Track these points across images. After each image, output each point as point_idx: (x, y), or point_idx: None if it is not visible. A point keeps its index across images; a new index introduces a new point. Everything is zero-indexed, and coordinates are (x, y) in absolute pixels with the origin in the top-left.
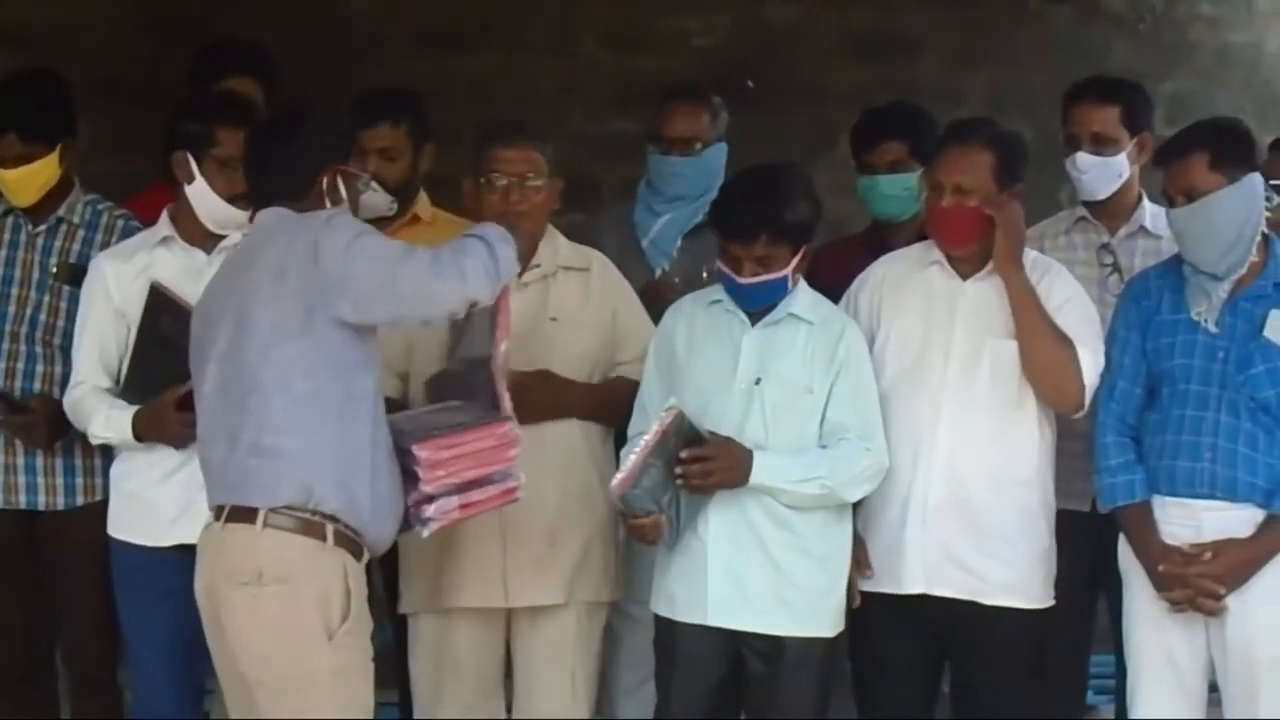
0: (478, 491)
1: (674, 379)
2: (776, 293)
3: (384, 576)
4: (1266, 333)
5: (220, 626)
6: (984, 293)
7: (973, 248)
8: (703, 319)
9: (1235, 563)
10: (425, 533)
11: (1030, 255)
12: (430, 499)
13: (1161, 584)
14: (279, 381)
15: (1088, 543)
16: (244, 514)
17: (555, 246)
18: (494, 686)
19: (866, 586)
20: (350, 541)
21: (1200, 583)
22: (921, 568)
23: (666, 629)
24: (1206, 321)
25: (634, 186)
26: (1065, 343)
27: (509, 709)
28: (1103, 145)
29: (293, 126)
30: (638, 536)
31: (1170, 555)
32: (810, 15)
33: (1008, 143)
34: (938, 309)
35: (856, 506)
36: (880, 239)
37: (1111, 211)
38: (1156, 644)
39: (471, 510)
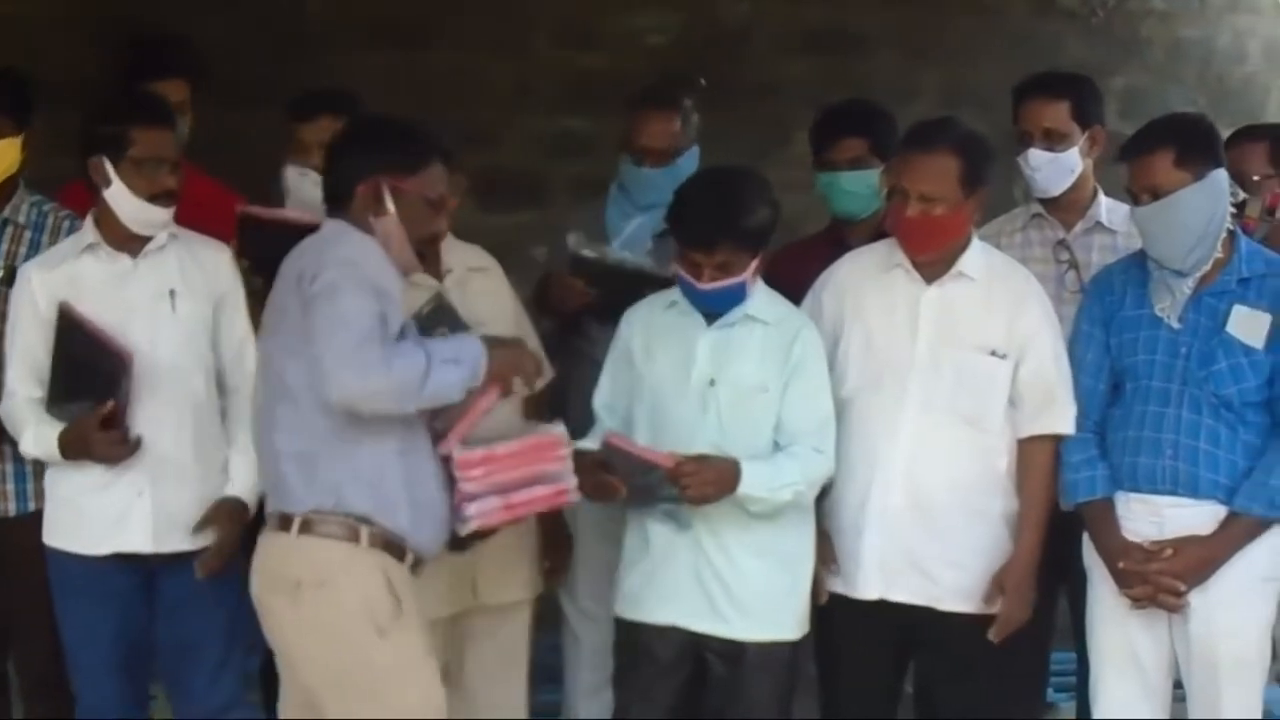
0: (525, 492)
1: (631, 382)
2: (735, 297)
3: None
4: (1229, 329)
5: (271, 636)
6: (947, 298)
7: (938, 254)
8: (660, 322)
9: (1196, 560)
10: (463, 531)
11: (1001, 259)
12: (472, 498)
13: (1122, 581)
14: (304, 387)
15: (1050, 540)
16: (282, 521)
17: (456, 248)
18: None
19: (829, 587)
20: (390, 544)
21: (1161, 580)
22: (879, 573)
23: (629, 630)
24: (1170, 317)
25: (585, 184)
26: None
27: None
28: (1054, 140)
29: (346, 137)
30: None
31: (1131, 552)
32: (762, 12)
33: (972, 146)
34: (900, 314)
35: (818, 507)
36: (840, 237)
37: (1066, 207)
38: (1120, 641)
39: (518, 510)
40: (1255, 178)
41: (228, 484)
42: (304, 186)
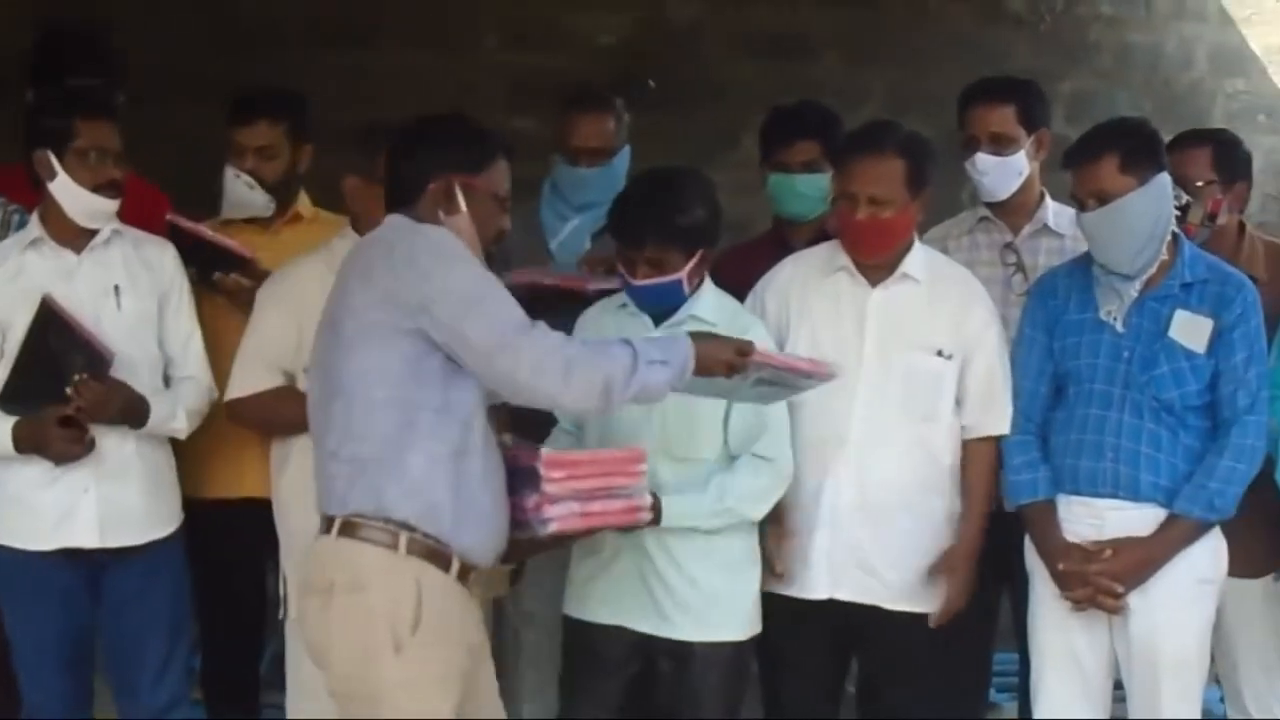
0: (601, 504)
1: None
2: (670, 295)
3: (279, 582)
4: (1171, 333)
5: (304, 638)
6: (892, 299)
7: (886, 256)
8: (609, 323)
9: (1134, 561)
10: (543, 533)
11: (943, 260)
12: (553, 500)
13: (1063, 582)
14: (360, 387)
15: (992, 540)
16: (325, 523)
17: None
18: None
19: (773, 589)
20: (431, 552)
21: (1100, 581)
22: (827, 573)
23: (577, 630)
24: (1115, 321)
25: (533, 185)
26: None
27: None
28: (1001, 145)
29: (418, 133)
30: None
31: (1070, 553)
32: (711, 14)
33: (916, 148)
34: (846, 317)
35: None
36: (784, 239)
37: (1013, 211)
38: (1060, 642)
39: (593, 520)
40: (1198, 183)
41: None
42: (237, 189)
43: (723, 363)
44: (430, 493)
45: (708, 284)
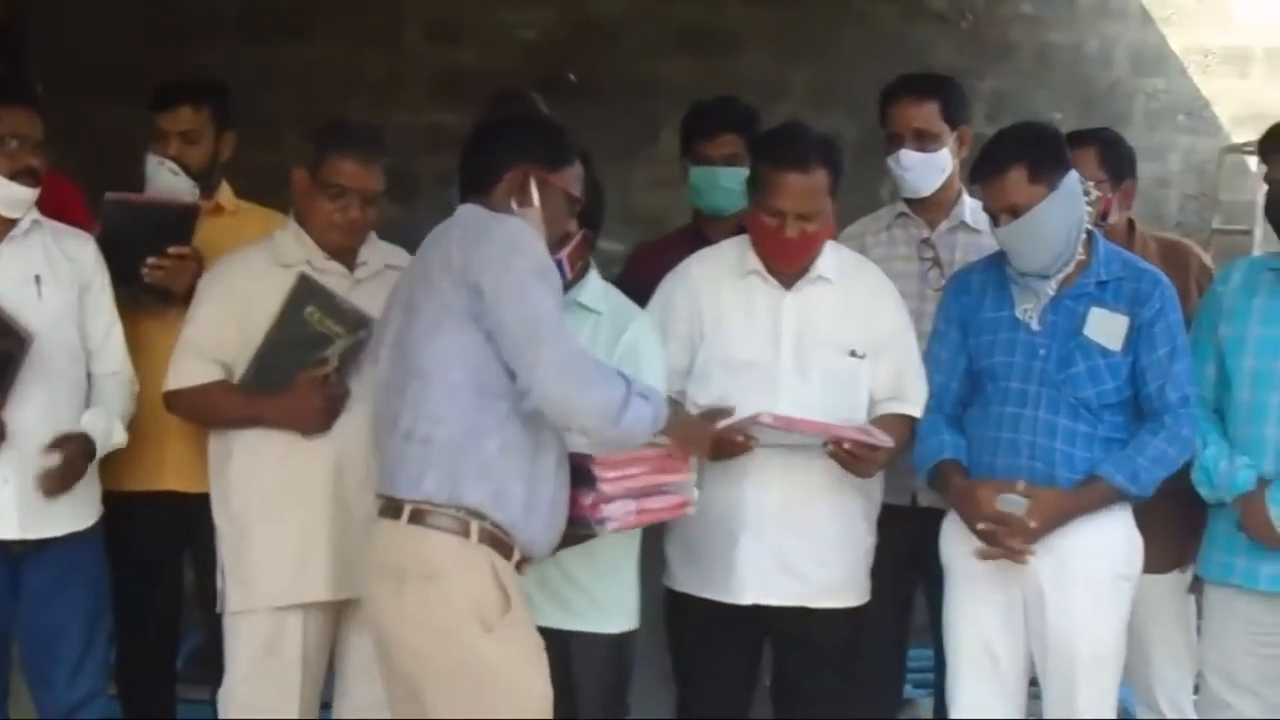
0: (653, 500)
1: None
2: None
3: (196, 577)
4: (1087, 331)
5: (373, 623)
6: (806, 302)
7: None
8: None
9: (1051, 508)
10: (604, 532)
11: (851, 257)
12: (608, 500)
13: (981, 535)
14: (438, 369)
15: (907, 536)
16: (393, 508)
17: (376, 246)
18: (321, 683)
19: (693, 590)
20: (497, 541)
21: (1012, 519)
22: (752, 577)
23: None
24: (1032, 319)
25: (454, 179)
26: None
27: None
28: (925, 141)
29: (495, 126)
30: None
31: (979, 494)
32: (634, 9)
33: (834, 154)
34: (761, 320)
35: None
36: (702, 234)
37: (932, 207)
38: (975, 637)
39: (647, 517)
40: (1089, 183)
41: (82, 421)
42: (161, 175)
43: (691, 440)
44: (504, 480)
45: (593, 273)
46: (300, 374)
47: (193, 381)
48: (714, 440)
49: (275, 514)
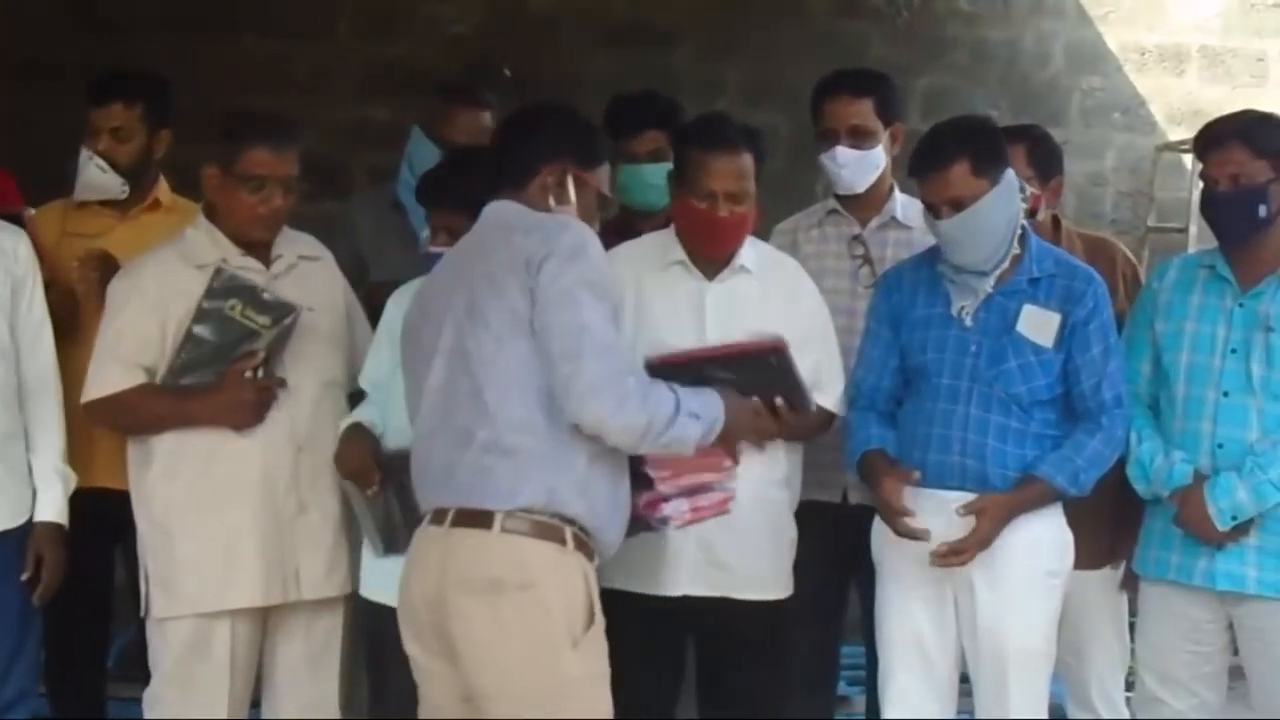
0: (702, 498)
1: (395, 369)
2: None
3: (128, 573)
4: (1019, 328)
5: (448, 637)
6: (728, 292)
7: (735, 250)
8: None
9: (995, 517)
10: (669, 530)
11: (768, 250)
12: (665, 499)
13: (900, 529)
14: (517, 378)
15: (839, 533)
16: (476, 517)
17: (289, 237)
18: (250, 687)
19: (619, 585)
20: (584, 546)
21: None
22: (682, 570)
23: (376, 614)
24: (967, 316)
25: (386, 173)
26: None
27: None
28: (860, 138)
29: (532, 117)
30: None
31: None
32: (567, 4)
33: (755, 139)
34: (684, 311)
35: None
36: (631, 229)
37: (864, 204)
38: (907, 633)
39: (700, 514)
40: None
41: (39, 507)
42: (89, 170)
43: (751, 429)
44: (594, 489)
45: None
46: (229, 368)
47: (116, 388)
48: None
49: (200, 519)
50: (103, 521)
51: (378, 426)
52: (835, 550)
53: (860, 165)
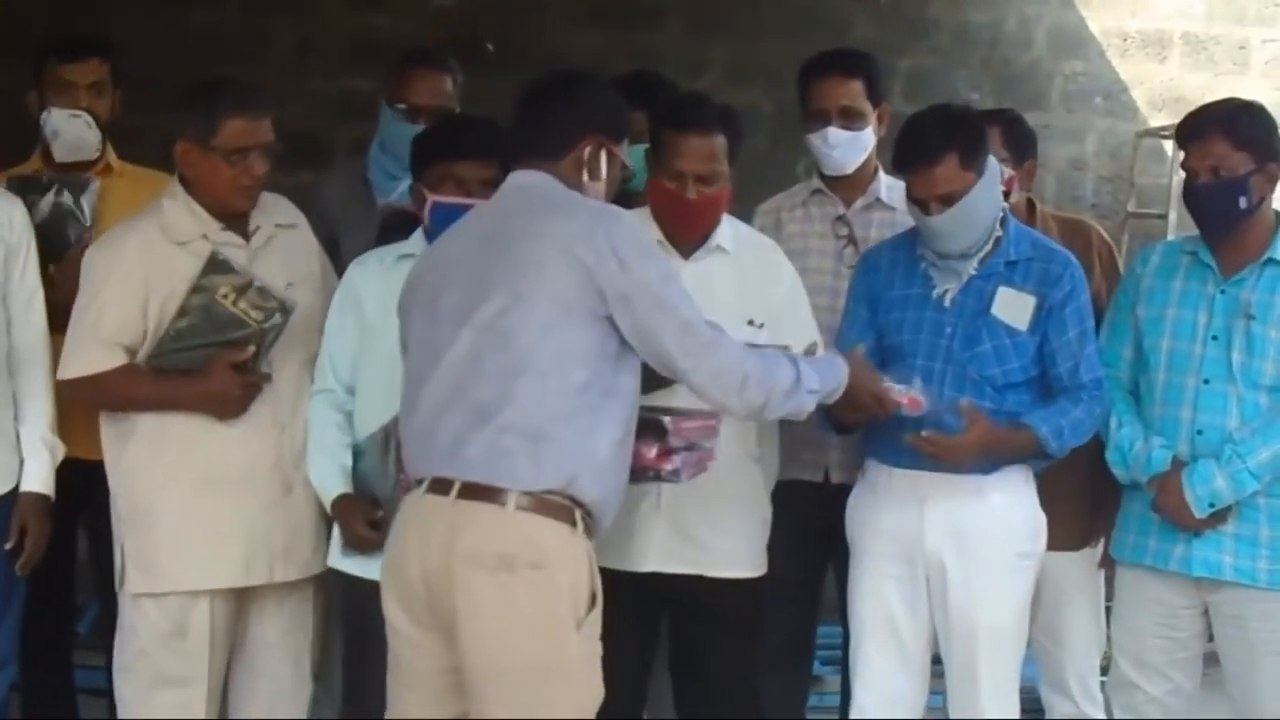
0: (696, 453)
1: (364, 340)
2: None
3: (90, 544)
4: (994, 310)
5: (448, 611)
6: (704, 272)
7: (708, 231)
8: (395, 279)
9: (984, 431)
10: (678, 482)
11: (746, 230)
12: (674, 450)
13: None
14: (557, 367)
15: (819, 513)
16: (486, 492)
17: (263, 204)
18: (225, 661)
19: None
20: (590, 528)
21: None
22: (654, 546)
23: (351, 585)
24: (948, 298)
25: (368, 146)
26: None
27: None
28: (852, 119)
29: (567, 86)
30: None
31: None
32: None
33: (733, 121)
34: None
35: None
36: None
37: (848, 184)
38: (879, 612)
39: (697, 470)
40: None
41: (25, 477)
42: (77, 127)
43: (870, 393)
44: (609, 477)
45: None
46: (217, 357)
47: (96, 369)
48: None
49: (183, 501)
50: (69, 492)
51: (350, 434)
52: (816, 530)
53: (851, 146)
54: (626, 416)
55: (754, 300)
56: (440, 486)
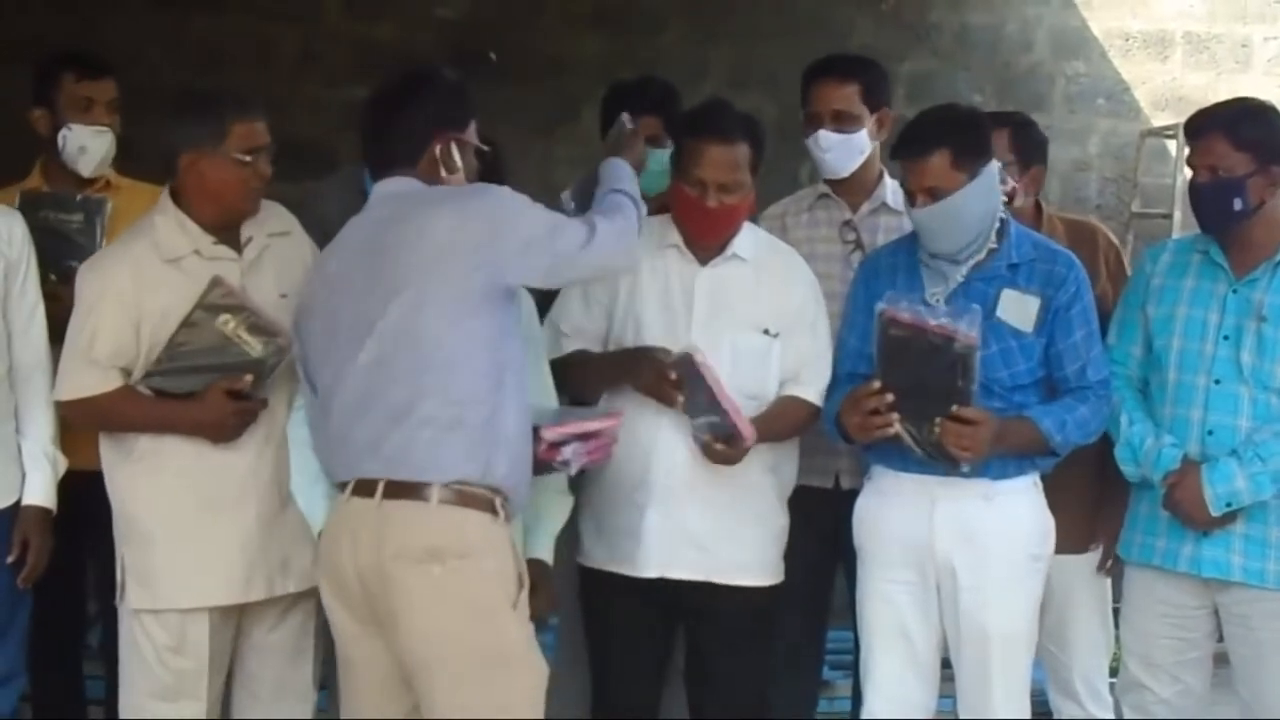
0: (593, 442)
1: None
2: None
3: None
4: (998, 313)
5: (385, 610)
6: (720, 278)
7: (728, 239)
8: None
9: (990, 423)
10: (572, 472)
11: (767, 239)
12: (556, 445)
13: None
14: (463, 355)
15: (829, 518)
16: (410, 489)
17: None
18: (224, 674)
19: (602, 564)
20: (508, 515)
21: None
22: (659, 551)
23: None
24: (939, 302)
25: None
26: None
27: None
28: (844, 123)
29: (409, 92)
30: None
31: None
32: None
33: (757, 130)
34: (674, 294)
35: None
36: None
37: (853, 188)
38: (889, 616)
39: (594, 456)
40: (1005, 174)
41: (27, 490)
42: (104, 144)
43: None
44: (517, 457)
45: None
46: (213, 383)
47: (91, 392)
48: (654, 372)
49: (182, 519)
50: (73, 504)
51: None
52: (825, 535)
53: (843, 149)
54: (522, 384)
55: (769, 309)
56: (365, 489)
